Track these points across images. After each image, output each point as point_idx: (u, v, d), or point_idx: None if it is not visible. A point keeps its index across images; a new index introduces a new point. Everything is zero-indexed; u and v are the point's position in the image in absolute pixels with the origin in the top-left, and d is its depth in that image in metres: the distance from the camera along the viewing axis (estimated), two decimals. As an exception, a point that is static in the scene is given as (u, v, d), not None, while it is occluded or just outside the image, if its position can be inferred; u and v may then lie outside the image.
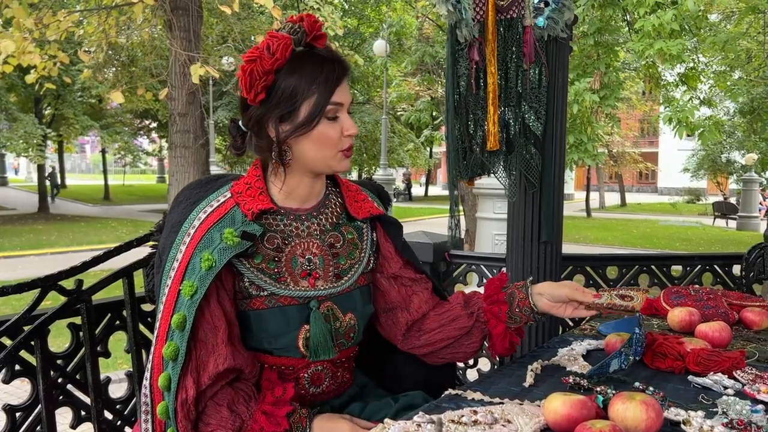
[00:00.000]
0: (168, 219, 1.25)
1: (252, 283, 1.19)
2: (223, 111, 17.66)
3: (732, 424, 0.98)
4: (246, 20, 11.19)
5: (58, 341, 1.48)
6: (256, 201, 1.20)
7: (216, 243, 1.15)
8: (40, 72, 6.09)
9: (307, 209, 1.27)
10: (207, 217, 1.18)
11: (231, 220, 1.18)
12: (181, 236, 1.18)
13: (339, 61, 1.20)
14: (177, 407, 1.09)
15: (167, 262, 1.18)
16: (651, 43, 5.59)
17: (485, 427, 0.97)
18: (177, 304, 1.13)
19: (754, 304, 1.73)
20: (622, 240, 14.76)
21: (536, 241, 2.15)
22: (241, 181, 1.25)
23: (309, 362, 1.24)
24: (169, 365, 1.11)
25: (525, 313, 1.33)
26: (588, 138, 6.69)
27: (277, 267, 1.21)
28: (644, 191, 41.44)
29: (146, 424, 1.15)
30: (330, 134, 1.19)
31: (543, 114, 1.96)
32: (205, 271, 1.12)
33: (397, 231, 1.40)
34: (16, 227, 15.20)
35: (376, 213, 1.36)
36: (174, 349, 1.10)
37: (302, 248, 1.24)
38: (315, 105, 1.17)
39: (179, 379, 1.10)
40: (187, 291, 1.12)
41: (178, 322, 1.11)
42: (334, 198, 1.33)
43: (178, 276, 1.14)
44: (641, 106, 20.64)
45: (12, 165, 40.99)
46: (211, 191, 1.23)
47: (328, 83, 1.17)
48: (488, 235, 6.15)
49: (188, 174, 7.58)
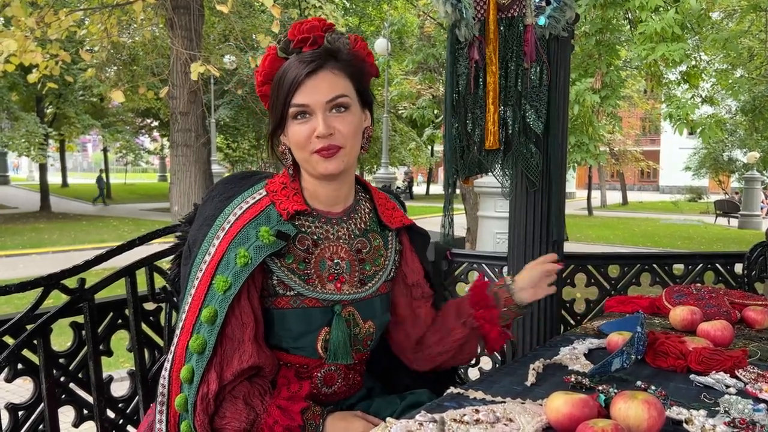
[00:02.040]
0: (200, 212, 1.26)
1: (281, 282, 1.20)
2: (224, 110, 17.66)
3: (734, 423, 0.98)
4: (247, 19, 11.19)
5: (60, 340, 1.48)
6: (291, 201, 1.22)
7: (252, 240, 1.16)
8: (42, 71, 6.09)
9: (338, 213, 1.28)
10: (243, 213, 1.20)
11: (266, 218, 1.19)
12: (214, 230, 1.19)
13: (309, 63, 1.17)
14: (197, 401, 1.10)
15: (198, 255, 1.18)
16: (653, 47, 5.59)
17: (487, 426, 0.97)
18: (207, 298, 1.13)
19: (756, 303, 1.73)
20: (624, 238, 14.75)
21: (538, 240, 2.15)
22: (276, 180, 1.26)
23: (324, 363, 1.25)
24: (193, 358, 1.12)
25: (513, 311, 1.37)
26: (589, 138, 6.69)
27: (307, 268, 1.22)
28: (646, 190, 41.40)
29: (161, 415, 1.16)
30: (298, 135, 1.19)
31: (544, 113, 1.96)
32: (240, 268, 1.13)
33: (424, 242, 1.42)
34: (17, 226, 15.21)
35: (407, 223, 1.38)
36: (202, 342, 1.11)
37: (331, 252, 1.25)
38: (277, 107, 1.20)
39: (203, 373, 1.11)
40: (221, 286, 1.13)
41: (209, 316, 1.12)
42: (364, 204, 1.33)
43: (210, 270, 1.15)
44: (643, 105, 20.62)
45: (12, 164, 41.00)
46: (246, 187, 1.25)
47: (288, 86, 1.18)
48: (490, 234, 6.15)
49: (190, 173, 7.60)
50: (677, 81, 6.95)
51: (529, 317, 2.21)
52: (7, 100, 16.13)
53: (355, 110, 1.22)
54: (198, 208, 1.28)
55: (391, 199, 1.40)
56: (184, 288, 1.21)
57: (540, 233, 2.15)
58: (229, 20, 9.84)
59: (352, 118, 1.20)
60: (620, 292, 2.57)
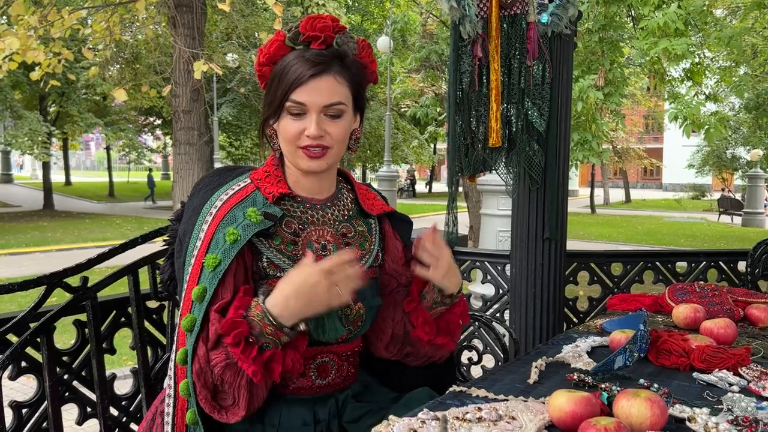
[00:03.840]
0: (188, 205, 1.28)
1: (271, 262, 1.22)
2: (227, 108, 17.68)
3: (737, 421, 0.98)
4: (250, 17, 11.20)
5: (63, 338, 1.49)
6: (275, 186, 1.25)
7: (240, 220, 1.18)
8: (44, 69, 6.10)
9: (321, 200, 1.31)
10: (228, 198, 1.22)
11: (253, 201, 1.22)
12: (202, 217, 1.21)
13: (318, 65, 1.19)
14: (194, 378, 1.11)
15: (190, 243, 1.20)
16: (656, 42, 5.56)
17: (490, 424, 0.97)
18: (200, 279, 1.15)
19: (760, 301, 1.73)
20: (627, 236, 14.73)
21: (540, 238, 2.15)
22: (260, 170, 1.30)
23: (316, 353, 1.25)
24: (187, 338, 1.13)
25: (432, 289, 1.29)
26: (592, 136, 6.66)
27: (295, 249, 1.24)
28: (649, 187, 41.31)
29: (168, 408, 1.17)
30: (289, 130, 1.22)
31: (546, 111, 1.96)
32: (229, 245, 1.15)
33: (407, 228, 1.43)
34: (21, 224, 15.25)
35: (388, 210, 1.40)
36: (191, 320, 1.13)
37: (317, 235, 1.27)
38: (277, 97, 1.21)
39: (192, 350, 1.11)
40: (210, 263, 1.14)
41: (198, 294, 1.13)
42: (346, 193, 1.37)
43: (201, 251, 1.17)
44: (646, 102, 20.56)
45: (16, 162, 41.07)
46: (230, 178, 1.28)
47: (292, 80, 1.19)
48: (492, 232, 6.15)
49: (192, 171, 7.60)
50: (680, 78, 6.92)
51: (532, 315, 2.21)
52: (10, 99, 16.17)
53: (348, 116, 1.25)
54: (185, 204, 1.31)
55: (372, 190, 1.44)
56: (180, 279, 1.23)
57: (542, 231, 2.15)
58: (232, 18, 9.85)
59: (344, 124, 1.24)
60: (623, 290, 2.57)
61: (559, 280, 2.23)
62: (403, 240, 1.41)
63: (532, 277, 2.19)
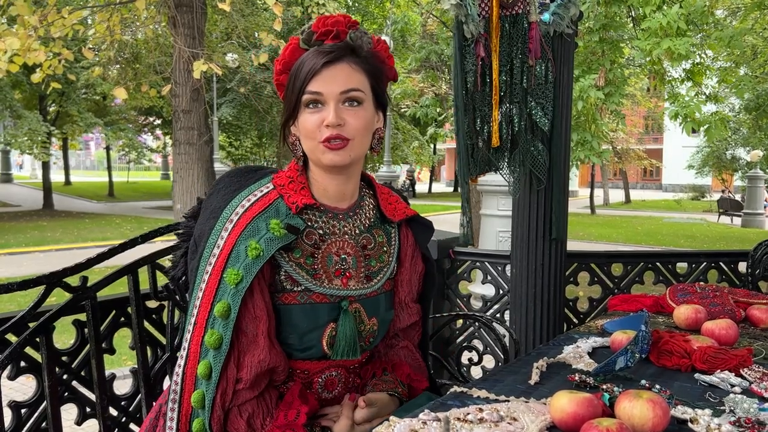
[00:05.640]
0: (206, 205, 1.25)
1: (289, 276, 1.19)
2: (227, 108, 17.66)
3: (739, 423, 0.98)
4: (250, 17, 11.19)
5: (63, 338, 1.48)
6: (299, 195, 1.21)
7: (262, 232, 1.15)
8: (45, 70, 6.09)
9: (344, 209, 1.27)
10: (251, 205, 1.19)
11: (275, 211, 1.18)
12: (222, 222, 1.18)
13: (328, 53, 1.17)
14: (217, 396, 1.11)
15: (206, 249, 1.17)
16: (658, 42, 5.56)
17: (491, 425, 0.97)
18: (219, 292, 1.13)
19: (761, 302, 1.73)
20: (627, 237, 14.72)
21: (541, 239, 2.15)
22: (282, 174, 1.25)
23: (324, 367, 1.24)
24: (210, 354, 1.12)
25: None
26: (592, 135, 6.66)
27: (314, 263, 1.21)
28: (649, 188, 41.29)
29: (172, 413, 1.17)
30: (308, 123, 1.18)
31: (550, 110, 1.96)
32: (251, 260, 1.13)
33: (427, 234, 1.40)
34: (20, 224, 15.24)
35: (411, 213, 1.37)
36: (218, 337, 1.12)
37: (337, 247, 1.24)
38: (292, 94, 1.19)
39: (221, 369, 1.11)
40: (232, 279, 1.12)
41: (222, 311, 1.12)
42: (368, 200, 1.33)
43: (220, 263, 1.14)
44: (646, 103, 20.56)
45: (16, 162, 41.05)
46: (252, 181, 1.24)
47: (304, 74, 1.17)
48: (492, 232, 6.14)
49: (192, 171, 7.60)
50: (681, 78, 6.92)
51: (533, 316, 2.21)
52: (10, 99, 16.16)
53: (368, 107, 1.21)
54: (203, 202, 1.27)
55: (393, 193, 1.40)
56: (192, 282, 1.20)
57: (543, 231, 2.14)
58: (232, 18, 9.84)
59: (364, 114, 1.20)
60: (624, 290, 2.57)
61: (560, 280, 2.23)
62: (420, 248, 1.38)
63: (532, 278, 2.18)
